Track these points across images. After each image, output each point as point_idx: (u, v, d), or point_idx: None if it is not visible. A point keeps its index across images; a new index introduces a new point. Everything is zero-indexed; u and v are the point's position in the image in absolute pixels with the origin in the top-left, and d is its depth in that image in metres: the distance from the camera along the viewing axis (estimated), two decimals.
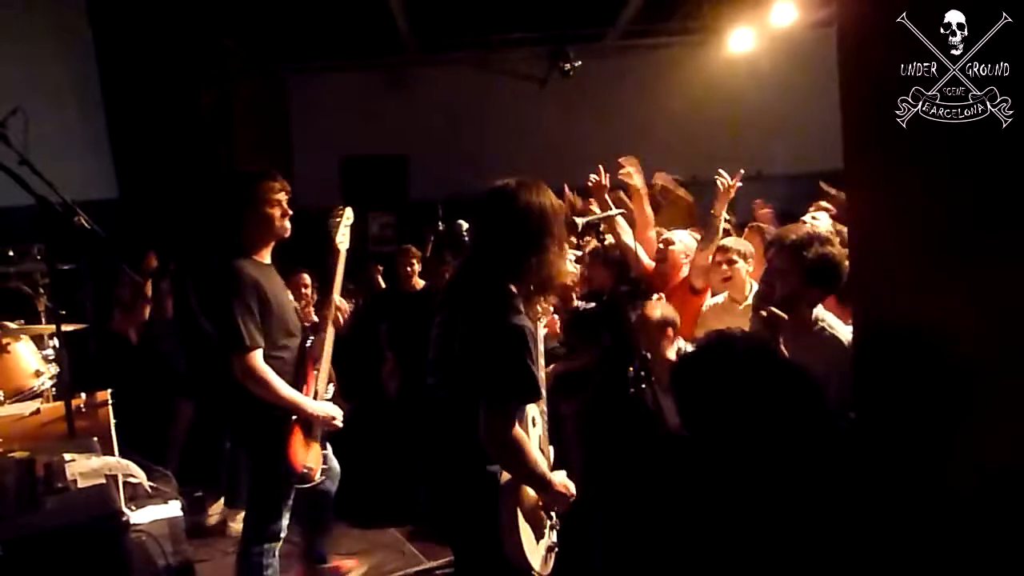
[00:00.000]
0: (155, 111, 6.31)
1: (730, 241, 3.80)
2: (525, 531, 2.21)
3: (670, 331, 3.44)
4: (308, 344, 3.11)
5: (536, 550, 2.27)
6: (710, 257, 3.77)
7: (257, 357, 2.84)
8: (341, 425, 3.11)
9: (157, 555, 2.77)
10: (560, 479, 2.31)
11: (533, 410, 2.40)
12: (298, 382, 3.01)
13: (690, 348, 2.95)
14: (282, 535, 3.05)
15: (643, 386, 3.05)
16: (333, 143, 8.62)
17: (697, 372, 1.66)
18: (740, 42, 7.53)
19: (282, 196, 2.99)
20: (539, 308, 2.29)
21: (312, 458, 3.02)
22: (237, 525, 4.47)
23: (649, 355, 3.14)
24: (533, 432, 2.39)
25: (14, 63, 5.74)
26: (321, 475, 3.07)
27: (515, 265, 2.20)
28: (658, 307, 3.48)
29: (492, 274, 2.22)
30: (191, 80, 6.67)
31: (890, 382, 1.55)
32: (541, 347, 2.36)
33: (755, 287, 3.65)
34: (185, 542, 3.39)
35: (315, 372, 3.08)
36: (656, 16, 7.90)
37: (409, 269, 5.53)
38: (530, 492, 2.27)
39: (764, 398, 1.55)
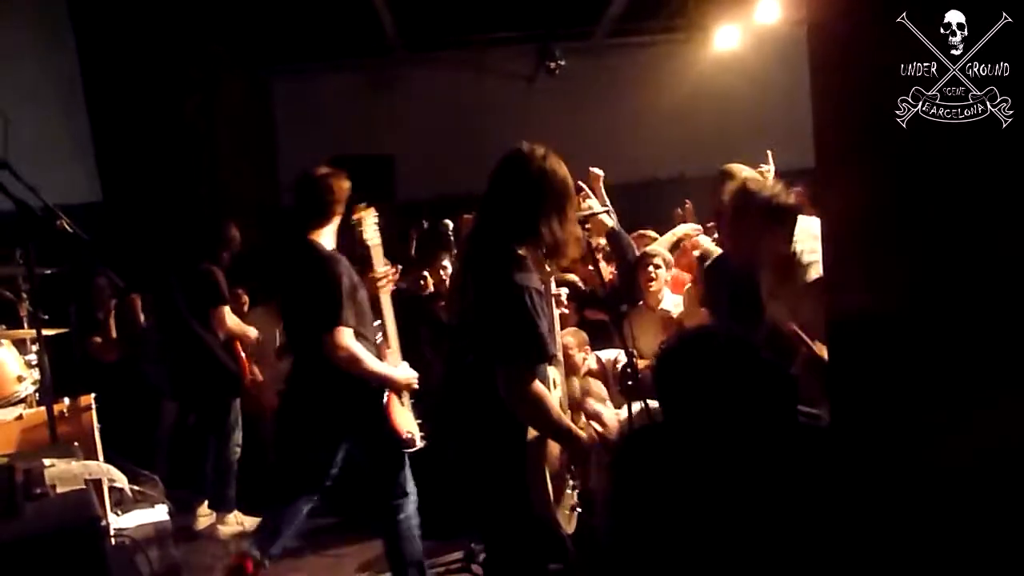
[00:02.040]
0: (138, 114, 6.26)
1: (656, 247, 4.01)
2: (551, 488, 2.22)
3: (587, 348, 3.83)
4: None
5: (561, 508, 2.30)
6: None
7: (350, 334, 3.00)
8: (417, 385, 3.25)
9: (141, 560, 2.76)
10: (581, 433, 2.31)
11: (553, 372, 2.37)
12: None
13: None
14: (410, 496, 3.21)
15: (629, 383, 3.14)
16: (319, 145, 8.55)
17: (678, 365, 1.67)
18: (726, 39, 7.55)
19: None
20: (548, 271, 2.30)
21: (409, 424, 3.19)
22: (226, 528, 4.47)
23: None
24: (554, 393, 2.36)
25: None
26: (420, 440, 3.21)
27: (525, 227, 2.21)
28: (567, 334, 3.75)
29: (501, 237, 2.22)
30: (175, 83, 6.63)
31: (864, 379, 1.55)
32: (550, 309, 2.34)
33: (669, 295, 3.87)
34: (172, 546, 3.37)
35: (387, 350, 3.25)
36: (642, 14, 7.92)
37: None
38: (554, 451, 2.26)
39: (743, 392, 1.56)
